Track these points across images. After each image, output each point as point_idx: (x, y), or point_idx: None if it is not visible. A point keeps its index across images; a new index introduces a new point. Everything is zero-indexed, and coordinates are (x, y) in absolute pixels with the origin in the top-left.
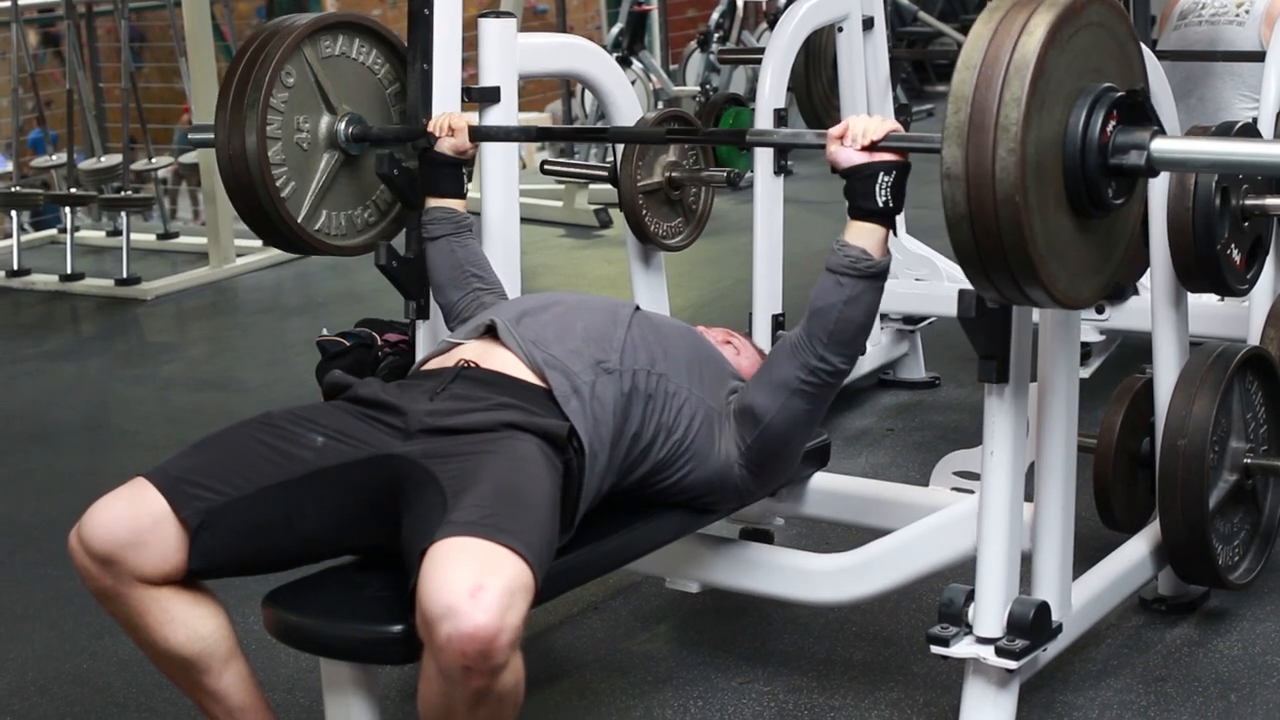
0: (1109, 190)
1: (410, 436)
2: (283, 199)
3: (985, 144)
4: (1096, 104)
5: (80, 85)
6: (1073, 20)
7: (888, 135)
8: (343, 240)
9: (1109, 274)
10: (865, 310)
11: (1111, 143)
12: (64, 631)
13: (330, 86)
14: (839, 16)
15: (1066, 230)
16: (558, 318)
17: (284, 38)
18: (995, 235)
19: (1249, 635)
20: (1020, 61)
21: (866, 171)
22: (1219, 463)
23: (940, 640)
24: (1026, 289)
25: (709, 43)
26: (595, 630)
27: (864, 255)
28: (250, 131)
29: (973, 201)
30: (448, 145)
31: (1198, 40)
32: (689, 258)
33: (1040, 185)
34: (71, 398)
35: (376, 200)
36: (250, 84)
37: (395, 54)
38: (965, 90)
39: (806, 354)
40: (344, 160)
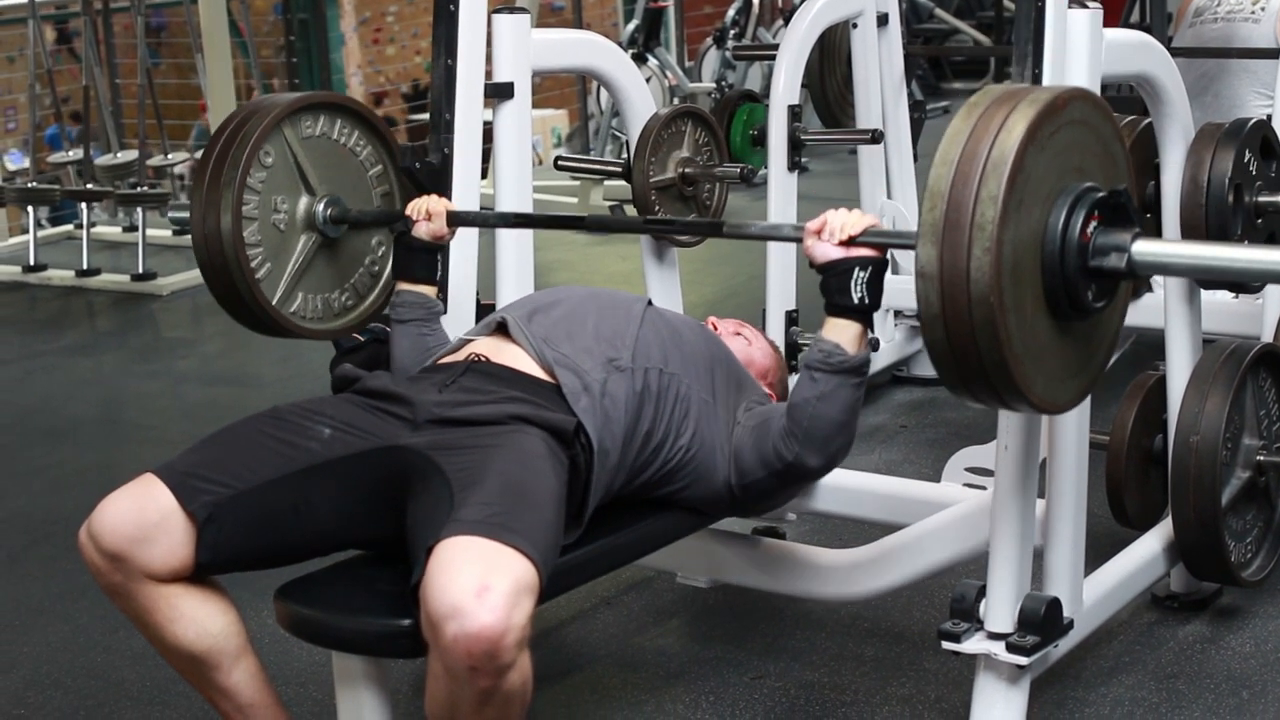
0: (1089, 293)
1: (418, 427)
2: (257, 280)
3: (960, 243)
4: (1077, 204)
5: (97, 81)
6: (1054, 118)
7: (865, 230)
8: (319, 324)
9: (1089, 378)
10: (841, 408)
11: (1092, 244)
12: (78, 625)
13: (310, 167)
14: (853, 13)
15: (1045, 333)
16: (569, 314)
17: (263, 117)
18: (969, 337)
19: (1261, 632)
20: (998, 158)
21: (842, 267)
22: (1232, 460)
23: (951, 636)
24: (1002, 393)
25: (725, 39)
26: (607, 625)
27: (837, 350)
28: (225, 210)
29: (946, 302)
30: (424, 230)
31: (1213, 37)
32: (703, 254)
33: (1017, 286)
34: (87, 393)
35: (355, 284)
36: (227, 163)
37: (378, 136)
38: (941, 187)
39: (784, 446)
40: (322, 242)
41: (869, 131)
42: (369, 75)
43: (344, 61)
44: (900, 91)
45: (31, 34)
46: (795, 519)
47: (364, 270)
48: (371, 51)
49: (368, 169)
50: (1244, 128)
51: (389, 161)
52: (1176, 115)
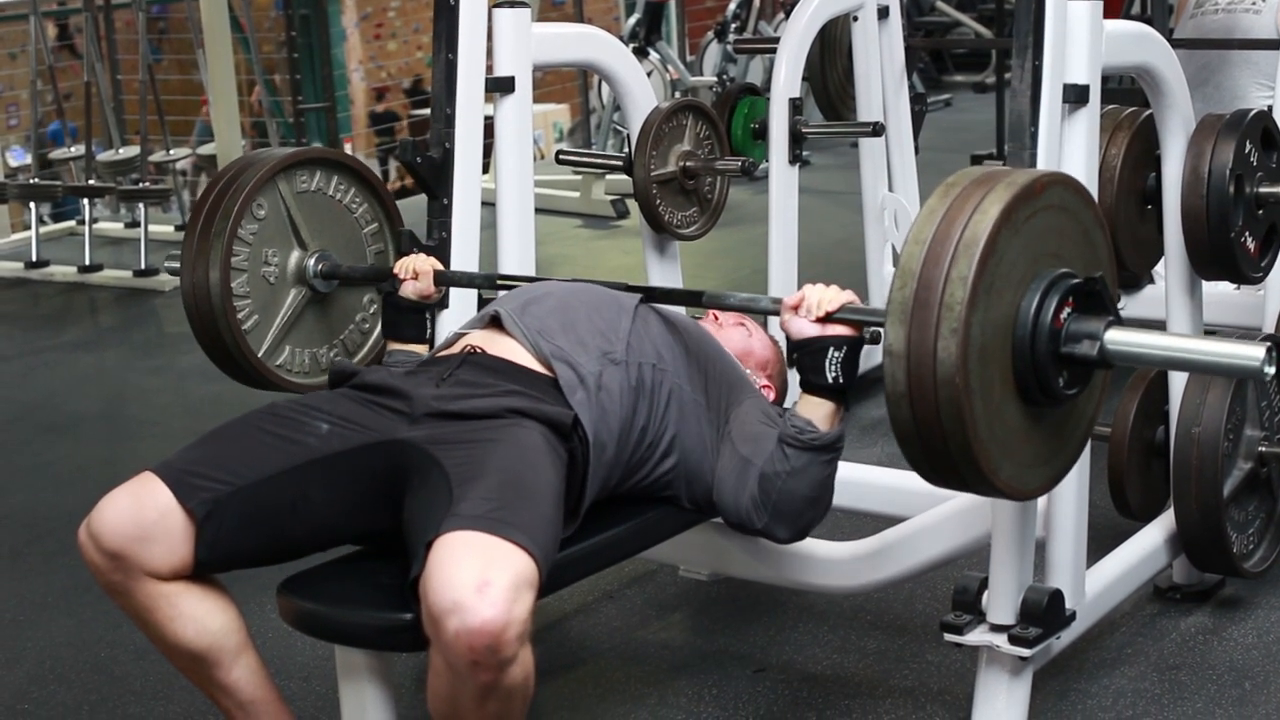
0: (1060, 379)
1: (416, 421)
2: (244, 332)
3: (928, 322)
4: (1051, 289)
5: (98, 78)
6: (1030, 202)
7: (843, 308)
8: (304, 379)
9: (1061, 467)
10: (810, 484)
11: (1065, 330)
12: (82, 621)
13: (303, 221)
14: (854, 6)
15: (1013, 419)
16: (562, 307)
17: (258, 169)
18: (934, 419)
19: (1264, 623)
20: (970, 240)
21: (817, 346)
22: (1233, 451)
23: (954, 628)
24: (967, 477)
25: (726, 33)
26: (610, 618)
27: (809, 427)
28: (215, 260)
29: (913, 381)
30: (411, 290)
31: (1214, 28)
32: (705, 247)
33: (984, 369)
34: (89, 389)
35: (345, 340)
36: (219, 213)
37: (373, 193)
38: (913, 266)
39: (755, 516)
40: (312, 297)
41: (870, 124)
42: (370, 71)
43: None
44: (901, 84)
45: (33, 30)
46: None
47: (354, 328)
48: (373, 47)
49: (362, 226)
50: (1245, 119)
51: (385, 220)
52: (1177, 106)
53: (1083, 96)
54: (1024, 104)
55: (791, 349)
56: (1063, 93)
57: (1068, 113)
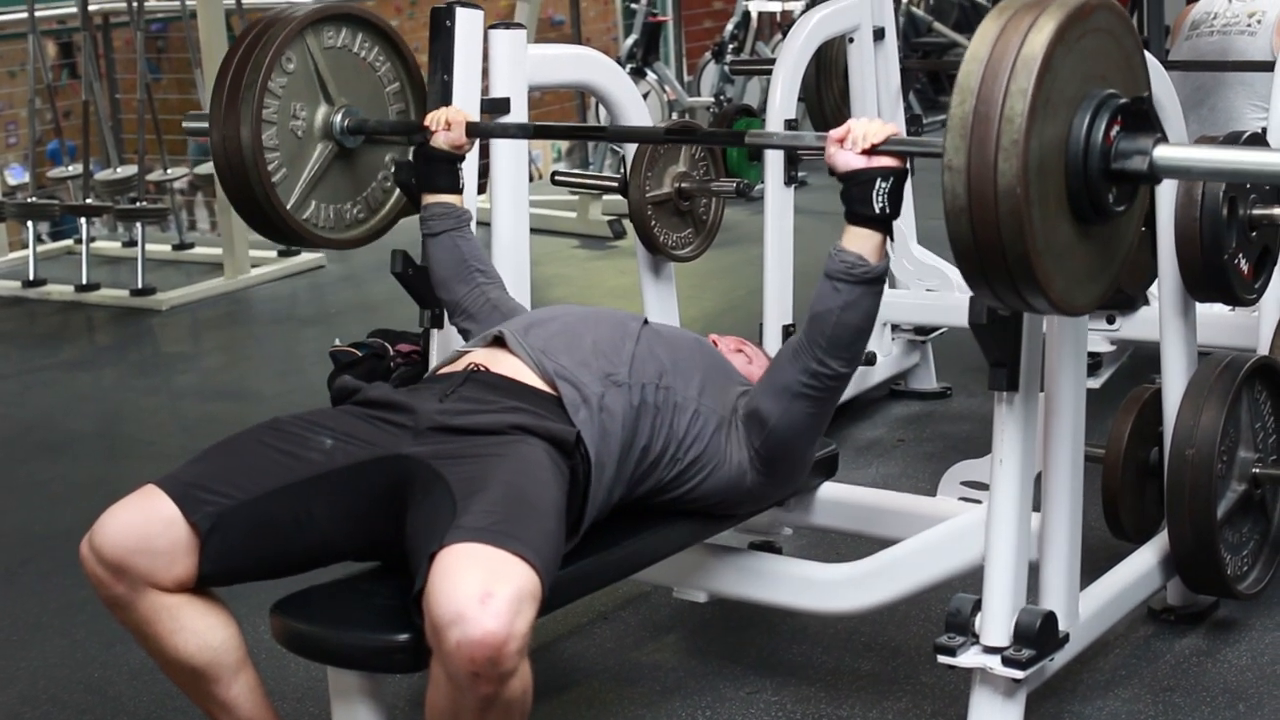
0: (1110, 195)
1: (419, 435)
2: (273, 184)
3: (989, 136)
4: (1101, 108)
5: (96, 96)
6: (1080, 23)
7: (888, 139)
8: (330, 233)
9: (1106, 283)
10: (863, 315)
11: (1115, 147)
12: (76, 640)
13: (330, 77)
14: (850, 27)
15: (1066, 233)
16: (566, 329)
17: (286, 23)
18: (994, 229)
19: (1258, 645)
20: (1028, 56)
21: (864, 177)
22: (1227, 472)
23: (947, 650)
24: (1022, 290)
25: (723, 53)
26: (604, 640)
27: (860, 261)
28: (246, 113)
29: (973, 194)
30: (443, 140)
31: (1209, 50)
32: (701, 268)
33: (1042, 182)
34: (86, 407)
35: (368, 197)
36: (250, 65)
37: (397, 52)
38: (971, 83)
39: (807, 358)
40: (338, 152)
41: None
42: None
43: None
44: (897, 105)
45: (31, 49)
46: (791, 533)
47: (377, 184)
48: None
49: (385, 84)
50: (1238, 140)
51: (406, 79)
52: (1171, 128)
53: None
54: None
55: (838, 180)
56: None
57: None
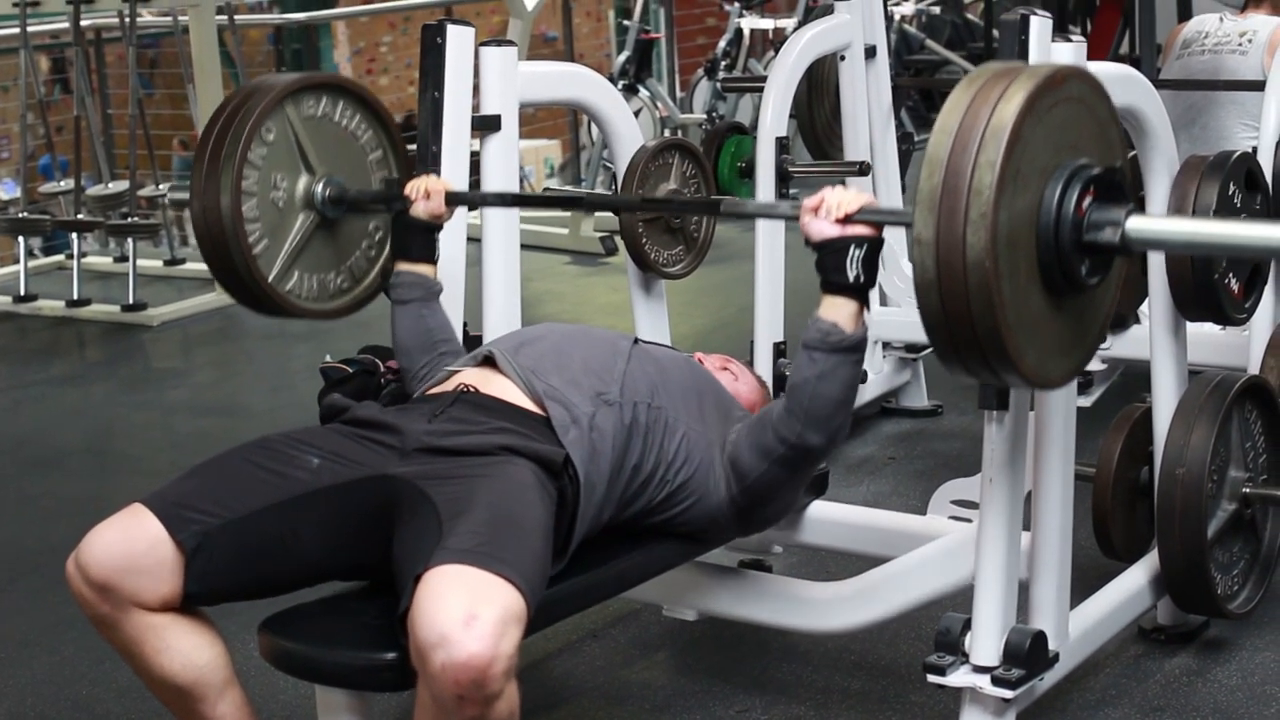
0: (1083, 267)
1: (406, 456)
2: (254, 256)
3: (957, 208)
4: (1073, 179)
5: (89, 111)
6: (1052, 92)
7: (862, 209)
8: (314, 304)
9: (1081, 356)
10: (840, 385)
11: (1086, 219)
12: (64, 658)
13: (310, 147)
14: (842, 45)
15: (1037, 306)
16: (556, 348)
17: (266, 94)
18: (963, 303)
19: (1248, 665)
20: (997, 126)
21: (838, 245)
22: (1218, 492)
23: (937, 669)
24: (994, 363)
25: (716, 70)
26: (594, 658)
27: (835, 329)
28: (225, 185)
29: (942, 267)
30: (422, 209)
31: (1200, 69)
32: (692, 285)
33: (1012, 255)
34: (76, 423)
35: (351, 266)
36: (229, 136)
37: (379, 120)
38: (940, 154)
39: (785, 429)
40: (319, 222)
41: (857, 163)
42: None
43: None
44: (888, 123)
45: (23, 64)
46: (782, 551)
47: (361, 254)
48: (365, 82)
49: (368, 153)
50: (1228, 160)
51: (390, 147)
52: (1161, 148)
53: None
54: None
55: (812, 249)
56: None
57: None
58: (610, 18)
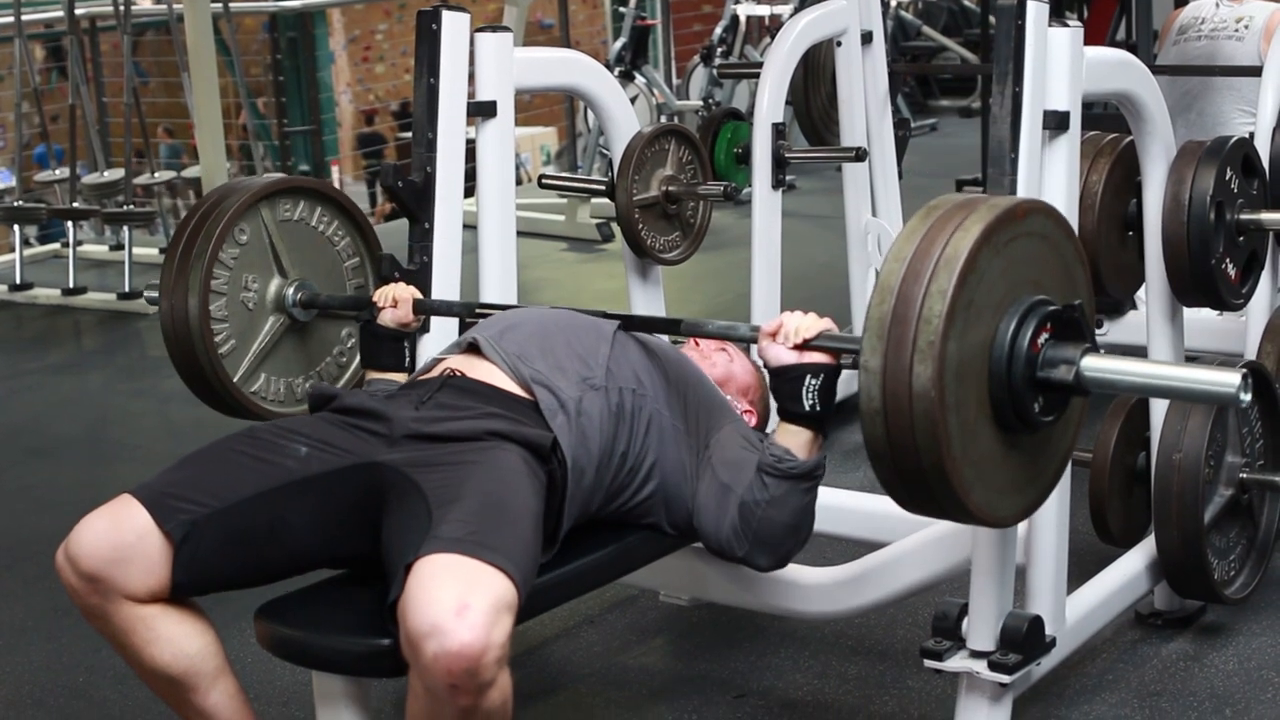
0: (1035, 405)
1: (395, 443)
2: (220, 356)
3: (905, 338)
4: (1029, 314)
5: (84, 100)
6: (1011, 225)
7: (820, 334)
8: (279, 407)
9: (1035, 495)
10: (790, 513)
11: (1041, 355)
12: (61, 645)
13: (284, 250)
14: (837, 31)
15: (988, 442)
16: (541, 333)
17: (241, 195)
18: (908, 434)
19: (1245, 650)
20: (951, 256)
21: (794, 374)
22: (1214, 477)
23: (934, 654)
24: (939, 498)
25: (712, 57)
26: (591, 643)
27: (787, 456)
28: (194, 284)
29: (888, 396)
30: (389, 317)
31: (1197, 55)
32: (689, 271)
33: (960, 387)
34: (72, 412)
35: (321, 371)
36: (201, 235)
37: (356, 226)
38: (892, 282)
39: (736, 544)
40: (290, 325)
41: (853, 149)
42: (358, 93)
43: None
44: (885, 109)
45: (18, 53)
46: None
47: (331, 360)
48: (361, 69)
49: (344, 259)
50: (1225, 146)
51: (366, 254)
52: (1158, 133)
53: (1063, 123)
54: (1004, 130)
55: (770, 375)
56: (1043, 119)
57: (1048, 139)
58: (606, 4)
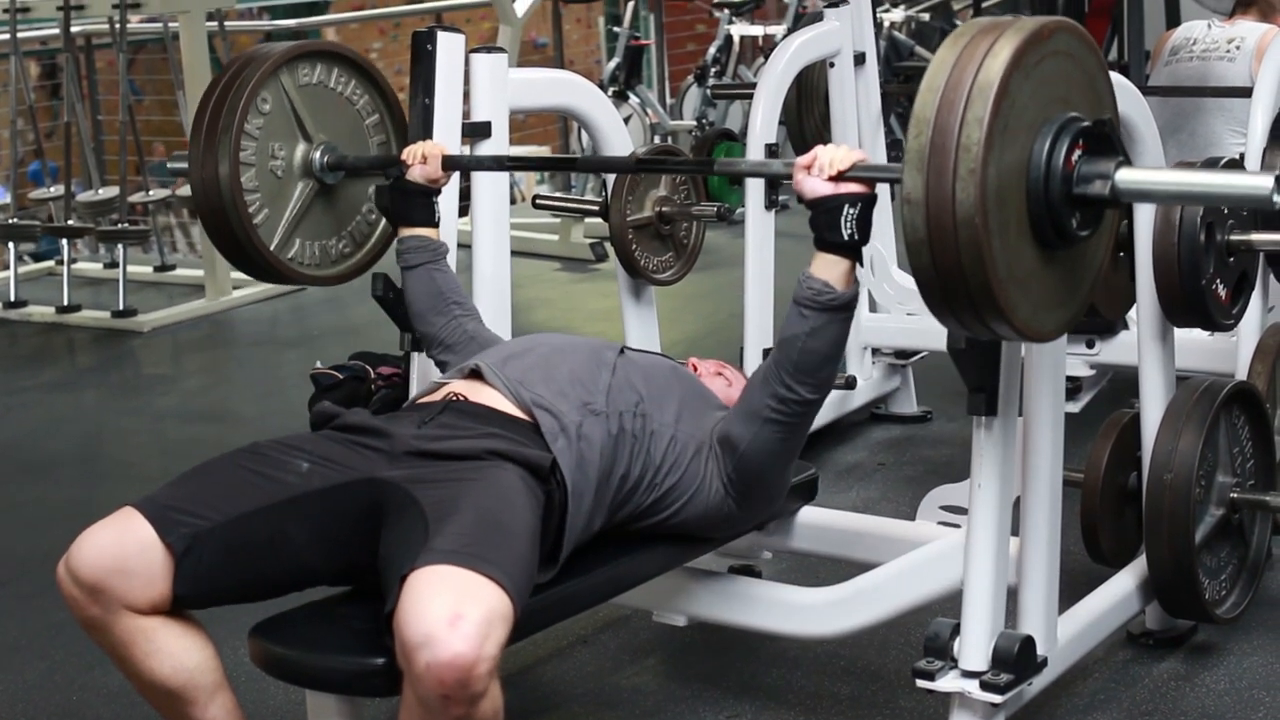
0: (1073, 220)
1: (395, 459)
2: (255, 226)
3: (945, 167)
4: (1061, 132)
5: (79, 117)
6: (1038, 46)
7: (854, 165)
8: (316, 270)
9: (1074, 309)
10: (830, 342)
11: (1076, 172)
12: (55, 663)
13: (307, 115)
14: (830, 52)
15: (1029, 260)
16: (543, 360)
17: (260, 64)
18: (954, 259)
19: (1236, 669)
20: (984, 83)
21: (832, 203)
22: (1205, 497)
23: (926, 674)
24: (986, 317)
25: (706, 77)
26: (583, 663)
27: (826, 288)
28: (223, 156)
29: (932, 225)
30: (418, 173)
31: (1189, 76)
32: (682, 291)
33: (1001, 209)
34: (67, 429)
35: (352, 231)
36: (225, 109)
37: (374, 85)
38: (927, 113)
39: (775, 383)
40: (319, 189)
41: None
42: None
43: None
44: (878, 129)
45: (14, 70)
46: (771, 557)
47: (361, 218)
48: None
49: (364, 117)
50: (1216, 165)
51: (385, 111)
52: (1149, 154)
53: None
54: None
55: (806, 207)
56: None
57: None
58: (600, 24)
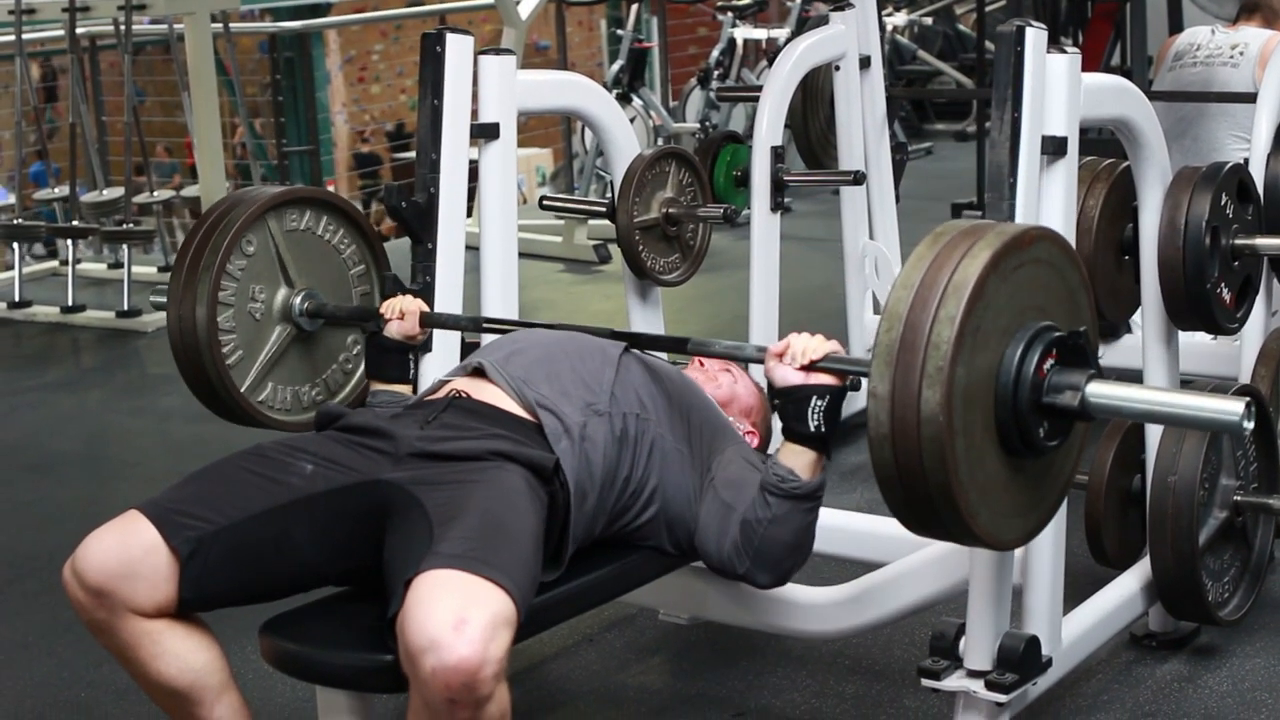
0: (1040, 429)
1: (399, 461)
2: (228, 366)
3: (914, 363)
4: (1035, 340)
5: (83, 118)
6: (1018, 252)
7: (827, 356)
8: (286, 415)
9: (1037, 520)
10: (792, 532)
11: (1047, 381)
12: (62, 660)
13: (290, 260)
14: (836, 55)
15: (993, 465)
16: (546, 357)
17: (248, 206)
18: (916, 459)
19: (1238, 671)
20: (959, 282)
21: (800, 394)
22: (1209, 500)
23: (931, 673)
24: (946, 522)
25: (709, 80)
26: (590, 662)
27: (791, 475)
28: (202, 295)
29: (896, 422)
30: (396, 330)
31: (1192, 81)
32: (687, 293)
33: (967, 411)
34: (71, 429)
35: (327, 380)
36: (209, 248)
37: (361, 234)
38: (900, 309)
39: (737, 561)
40: (297, 335)
41: (851, 173)
42: (354, 114)
43: (329, 99)
44: (882, 133)
45: (19, 71)
46: None
47: (337, 367)
48: (357, 90)
49: (350, 267)
50: (1221, 171)
51: (372, 262)
52: (1154, 159)
53: (1061, 148)
54: (1003, 155)
55: (774, 396)
56: (1041, 144)
57: (1046, 164)
58: (602, 27)
